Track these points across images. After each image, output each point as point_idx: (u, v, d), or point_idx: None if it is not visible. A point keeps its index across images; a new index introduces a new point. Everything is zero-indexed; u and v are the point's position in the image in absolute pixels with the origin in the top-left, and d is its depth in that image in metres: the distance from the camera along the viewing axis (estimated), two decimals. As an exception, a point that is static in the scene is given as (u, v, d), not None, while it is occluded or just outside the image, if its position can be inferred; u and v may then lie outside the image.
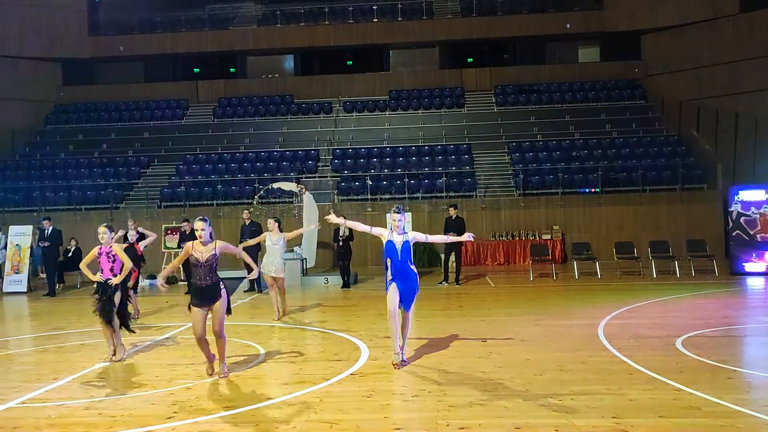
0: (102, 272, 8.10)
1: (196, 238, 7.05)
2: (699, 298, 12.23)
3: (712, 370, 6.89)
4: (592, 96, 26.41)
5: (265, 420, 5.66)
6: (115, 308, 8.09)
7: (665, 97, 25.69)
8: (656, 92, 26.26)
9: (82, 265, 8.38)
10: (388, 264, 7.42)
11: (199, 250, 6.95)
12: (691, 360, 7.33)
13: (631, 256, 16.37)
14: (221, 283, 7.11)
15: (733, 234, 15.71)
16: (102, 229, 8.10)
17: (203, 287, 6.96)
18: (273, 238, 11.18)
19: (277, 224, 11.40)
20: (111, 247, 8.11)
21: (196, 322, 7.01)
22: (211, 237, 7.09)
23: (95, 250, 8.13)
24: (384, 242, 7.40)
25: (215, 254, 6.95)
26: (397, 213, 7.35)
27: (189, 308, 7.12)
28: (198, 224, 7.01)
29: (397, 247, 7.29)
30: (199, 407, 6.10)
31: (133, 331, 8.72)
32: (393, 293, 7.30)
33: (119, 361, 8.07)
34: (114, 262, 8.07)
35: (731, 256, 16.06)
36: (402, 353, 7.48)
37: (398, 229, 7.36)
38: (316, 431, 5.35)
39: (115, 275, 8.07)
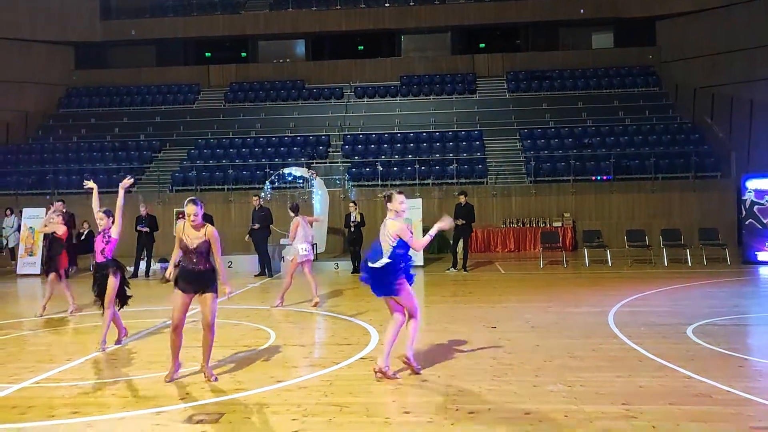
0: (95, 254, 8.18)
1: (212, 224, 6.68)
2: (710, 286, 12.17)
3: (722, 358, 6.87)
4: (605, 83, 26.20)
5: (275, 402, 5.71)
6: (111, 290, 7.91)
7: (679, 84, 25.42)
8: (670, 79, 25.99)
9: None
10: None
11: (189, 236, 6.36)
12: (701, 348, 7.31)
13: (642, 244, 16.30)
14: (215, 271, 6.48)
15: (746, 223, 15.60)
16: (100, 215, 8.02)
17: (194, 271, 6.33)
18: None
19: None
20: (109, 227, 7.99)
21: (176, 308, 6.33)
22: (203, 221, 6.51)
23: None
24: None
25: (206, 241, 6.36)
26: (401, 194, 6.49)
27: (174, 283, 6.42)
28: (190, 208, 6.38)
29: None
30: (210, 389, 6.15)
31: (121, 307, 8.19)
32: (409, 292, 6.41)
33: (119, 344, 7.99)
34: (107, 243, 7.96)
35: (744, 245, 15.96)
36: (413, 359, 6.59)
37: (404, 213, 6.45)
38: (326, 414, 5.39)
39: (106, 257, 7.93)
